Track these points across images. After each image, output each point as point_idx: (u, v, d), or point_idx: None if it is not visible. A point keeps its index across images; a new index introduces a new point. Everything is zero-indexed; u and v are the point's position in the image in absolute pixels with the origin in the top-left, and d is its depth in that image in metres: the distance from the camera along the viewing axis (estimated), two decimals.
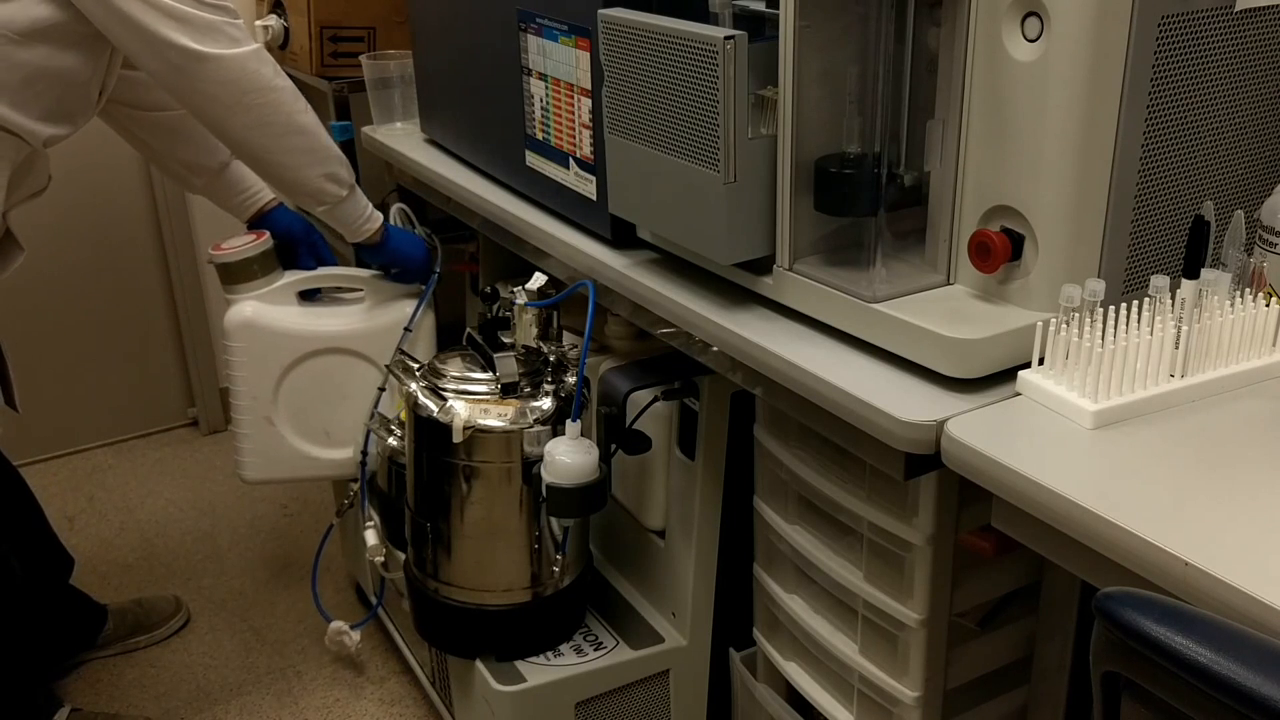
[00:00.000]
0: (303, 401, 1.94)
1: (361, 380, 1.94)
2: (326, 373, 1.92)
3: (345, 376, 1.93)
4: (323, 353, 1.91)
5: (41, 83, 1.49)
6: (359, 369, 1.93)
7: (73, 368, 2.80)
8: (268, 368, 1.90)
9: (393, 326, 1.91)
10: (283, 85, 1.57)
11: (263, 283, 1.86)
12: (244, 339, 1.87)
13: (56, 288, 2.72)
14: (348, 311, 1.93)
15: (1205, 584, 0.77)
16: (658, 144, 1.26)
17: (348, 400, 1.95)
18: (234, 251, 1.83)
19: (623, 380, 1.57)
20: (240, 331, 1.87)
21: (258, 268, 1.86)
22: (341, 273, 1.94)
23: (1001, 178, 1.07)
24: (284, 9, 2.51)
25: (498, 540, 1.62)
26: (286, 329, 1.89)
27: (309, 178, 1.65)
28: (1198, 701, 0.61)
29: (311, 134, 1.63)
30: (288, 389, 1.92)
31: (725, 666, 1.71)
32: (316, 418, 1.96)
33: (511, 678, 1.60)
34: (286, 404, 1.93)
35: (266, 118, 1.56)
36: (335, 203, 1.70)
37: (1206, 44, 1.06)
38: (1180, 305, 1.00)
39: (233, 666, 2.13)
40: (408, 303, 1.92)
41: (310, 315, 1.90)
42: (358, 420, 1.96)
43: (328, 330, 1.90)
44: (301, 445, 1.96)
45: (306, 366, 1.91)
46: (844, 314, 1.16)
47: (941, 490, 1.19)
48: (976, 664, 1.36)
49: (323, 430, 1.97)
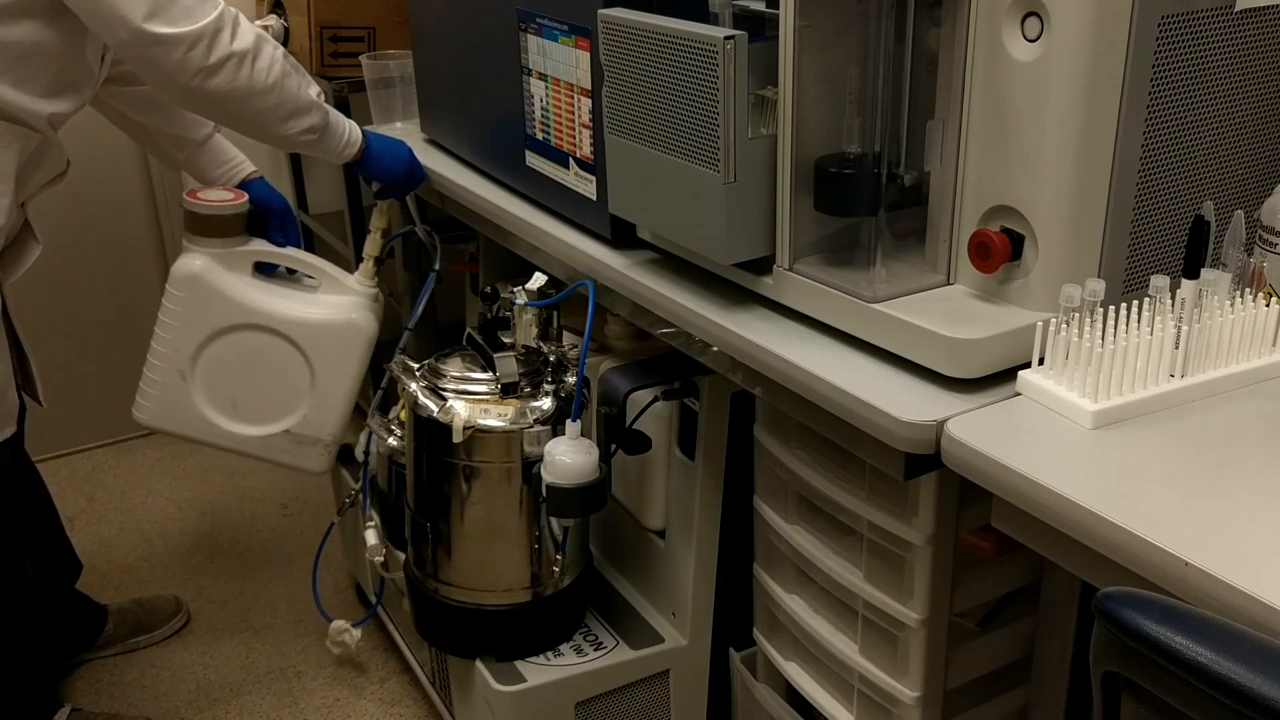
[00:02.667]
0: (222, 368, 1.91)
1: (286, 365, 1.91)
2: (254, 348, 1.89)
3: (271, 358, 1.90)
4: (256, 328, 1.88)
5: (36, 58, 1.49)
6: (286, 354, 1.90)
7: (73, 368, 2.80)
8: (198, 325, 1.87)
9: (335, 324, 1.89)
10: (241, 49, 1.51)
11: (225, 243, 1.84)
12: (185, 290, 1.85)
13: (56, 287, 2.72)
14: (296, 297, 1.90)
15: (1205, 584, 0.77)
16: (658, 144, 1.26)
17: (266, 381, 1.93)
18: (209, 205, 1.81)
19: (623, 380, 1.57)
20: (184, 282, 1.85)
21: (226, 226, 1.83)
22: (304, 258, 1.92)
23: (1001, 178, 1.07)
24: (284, 9, 2.51)
25: (498, 540, 1.62)
26: (229, 294, 1.85)
27: (280, 133, 1.62)
28: (1197, 701, 0.61)
29: (277, 89, 1.57)
30: (211, 352, 1.90)
31: (725, 666, 1.71)
32: (229, 387, 1.93)
33: (511, 678, 1.60)
34: (205, 365, 1.91)
35: (228, 88, 1.51)
36: (312, 144, 1.68)
37: (1206, 44, 1.06)
38: (1180, 305, 1.00)
39: (233, 666, 2.13)
40: (359, 303, 1.90)
41: (257, 288, 1.87)
42: (269, 401, 1.94)
43: (267, 308, 1.87)
44: (205, 408, 1.93)
45: (237, 336, 1.89)
46: (844, 314, 1.16)
47: (941, 490, 1.19)
48: (976, 664, 1.36)
49: (231, 401, 1.94)
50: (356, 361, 1.91)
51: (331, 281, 1.91)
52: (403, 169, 1.84)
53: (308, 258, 1.92)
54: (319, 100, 1.65)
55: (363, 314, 1.90)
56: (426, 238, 1.97)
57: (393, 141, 1.85)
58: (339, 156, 1.75)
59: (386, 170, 1.83)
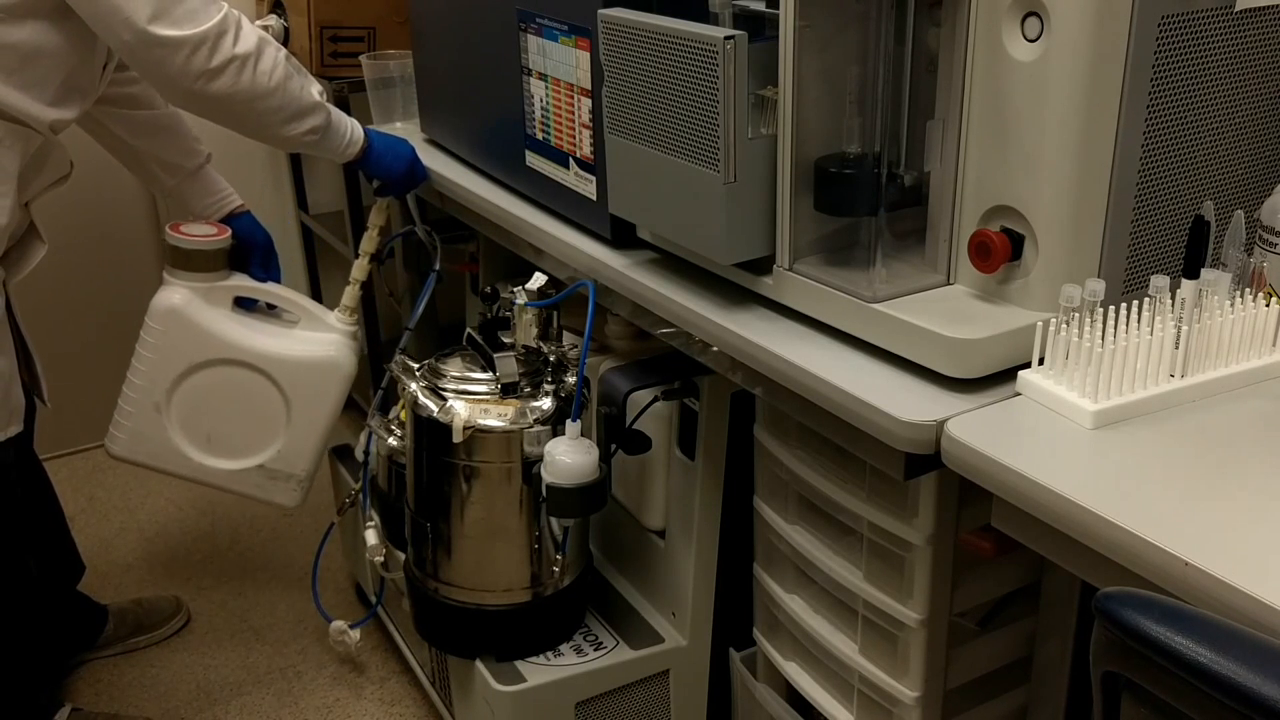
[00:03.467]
0: (198, 401, 1.92)
1: (262, 401, 1.92)
2: (231, 383, 1.90)
3: (248, 393, 1.91)
4: (234, 363, 1.88)
5: (42, 62, 1.48)
6: (263, 390, 1.91)
7: (73, 368, 2.80)
8: (176, 359, 1.87)
9: (313, 360, 1.90)
10: (243, 52, 1.50)
11: (206, 277, 1.85)
12: (164, 323, 1.85)
13: (57, 287, 2.72)
14: (274, 332, 1.91)
15: (1205, 584, 0.77)
16: (658, 144, 1.26)
17: (242, 416, 1.93)
18: (191, 239, 1.82)
19: (623, 380, 1.57)
20: (163, 315, 1.85)
21: (208, 261, 1.84)
22: (285, 294, 1.93)
23: (1001, 178, 1.07)
24: (284, 9, 2.51)
25: (498, 540, 1.62)
26: (208, 329, 1.86)
27: (283, 134, 1.62)
28: (1197, 701, 0.61)
29: (279, 91, 1.57)
30: (188, 385, 1.90)
31: (725, 666, 1.71)
32: (205, 421, 1.94)
33: (511, 678, 1.60)
34: (181, 398, 1.91)
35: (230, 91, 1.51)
36: (314, 144, 1.68)
37: (1206, 44, 1.06)
38: (1180, 305, 1.00)
39: (233, 666, 2.13)
40: (337, 340, 1.91)
41: (237, 323, 1.88)
42: (244, 436, 1.95)
43: (246, 344, 1.87)
44: (179, 441, 1.93)
45: (214, 371, 1.89)
46: (844, 314, 1.16)
47: (941, 490, 1.19)
48: (976, 664, 1.36)
49: (205, 435, 1.95)
50: (333, 398, 1.93)
51: (311, 318, 1.92)
52: (404, 167, 1.84)
53: (288, 294, 1.93)
54: (321, 100, 1.65)
55: (342, 351, 1.92)
56: (426, 238, 1.97)
57: (395, 140, 1.85)
58: (341, 156, 1.75)
59: (388, 168, 1.83)
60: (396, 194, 1.91)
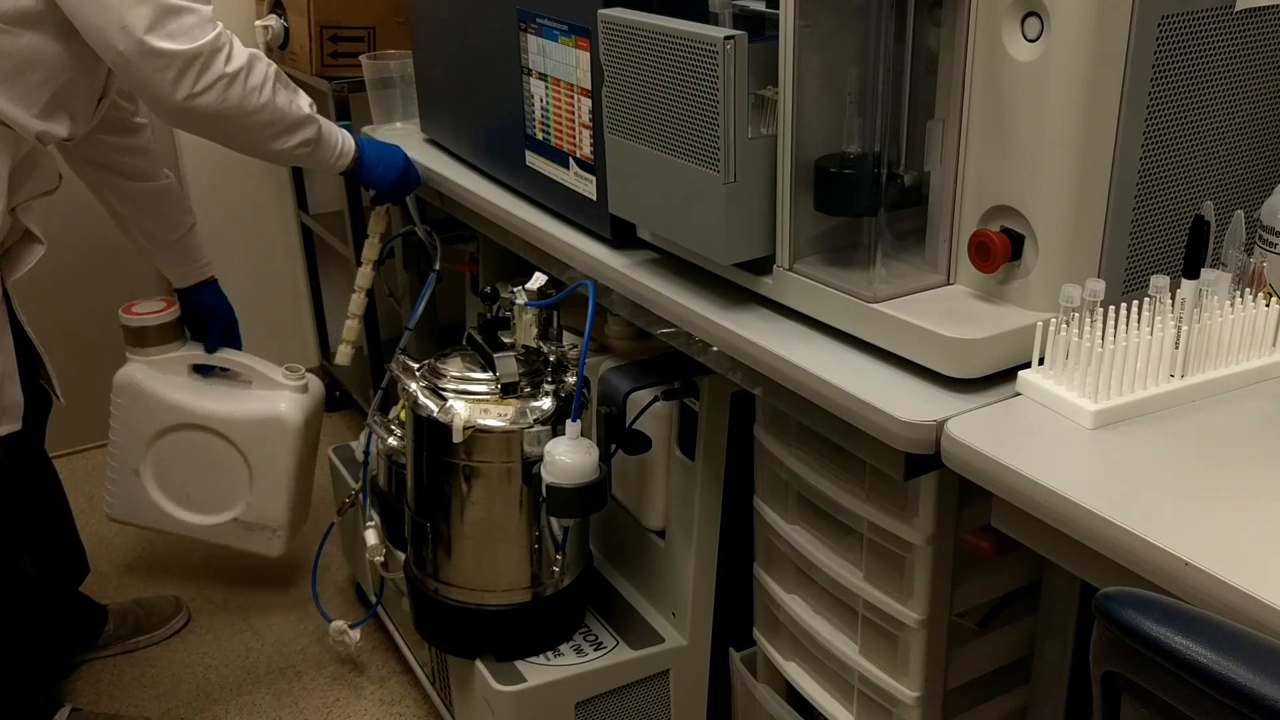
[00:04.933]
0: (170, 463, 2.11)
1: (224, 459, 2.09)
2: (195, 445, 2.08)
3: (211, 452, 2.08)
4: (193, 427, 2.07)
5: (34, 73, 1.48)
6: (223, 449, 2.08)
7: (73, 368, 2.79)
8: (142, 427, 2.08)
9: (261, 418, 2.05)
10: (233, 70, 1.50)
11: (160, 350, 2.04)
12: (125, 398, 2.07)
13: (56, 288, 2.72)
14: (225, 395, 2.08)
15: (1205, 584, 0.77)
16: (658, 144, 1.26)
17: (210, 474, 2.10)
18: (139, 317, 2.02)
19: (623, 380, 1.57)
20: (123, 389, 2.06)
21: (158, 335, 2.03)
22: (236, 358, 2.08)
23: (1001, 178, 1.07)
24: (284, 9, 2.51)
25: (498, 540, 1.62)
26: (164, 398, 2.05)
27: (273, 148, 1.63)
28: (1198, 701, 0.61)
29: (268, 108, 1.57)
30: (159, 450, 2.11)
31: (725, 666, 1.71)
32: (181, 481, 2.13)
33: (511, 678, 1.60)
34: (155, 462, 2.12)
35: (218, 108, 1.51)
36: (305, 156, 1.69)
37: (1206, 44, 1.06)
38: (1180, 305, 1.00)
39: (233, 666, 2.13)
40: (286, 396, 2.05)
41: (191, 390, 2.07)
42: (216, 492, 2.12)
43: (199, 408, 2.05)
44: (161, 501, 2.14)
45: (178, 435, 2.08)
46: (844, 314, 1.16)
47: (941, 490, 1.19)
48: (976, 664, 1.36)
49: (184, 493, 2.14)
50: (289, 452, 2.07)
51: (261, 378, 2.08)
52: (397, 175, 1.85)
53: (239, 357, 2.08)
54: (311, 113, 1.66)
55: (289, 407, 2.06)
56: (426, 238, 1.98)
57: (386, 147, 1.85)
58: (333, 167, 1.75)
59: (381, 177, 1.83)
60: (393, 201, 1.92)
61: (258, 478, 2.10)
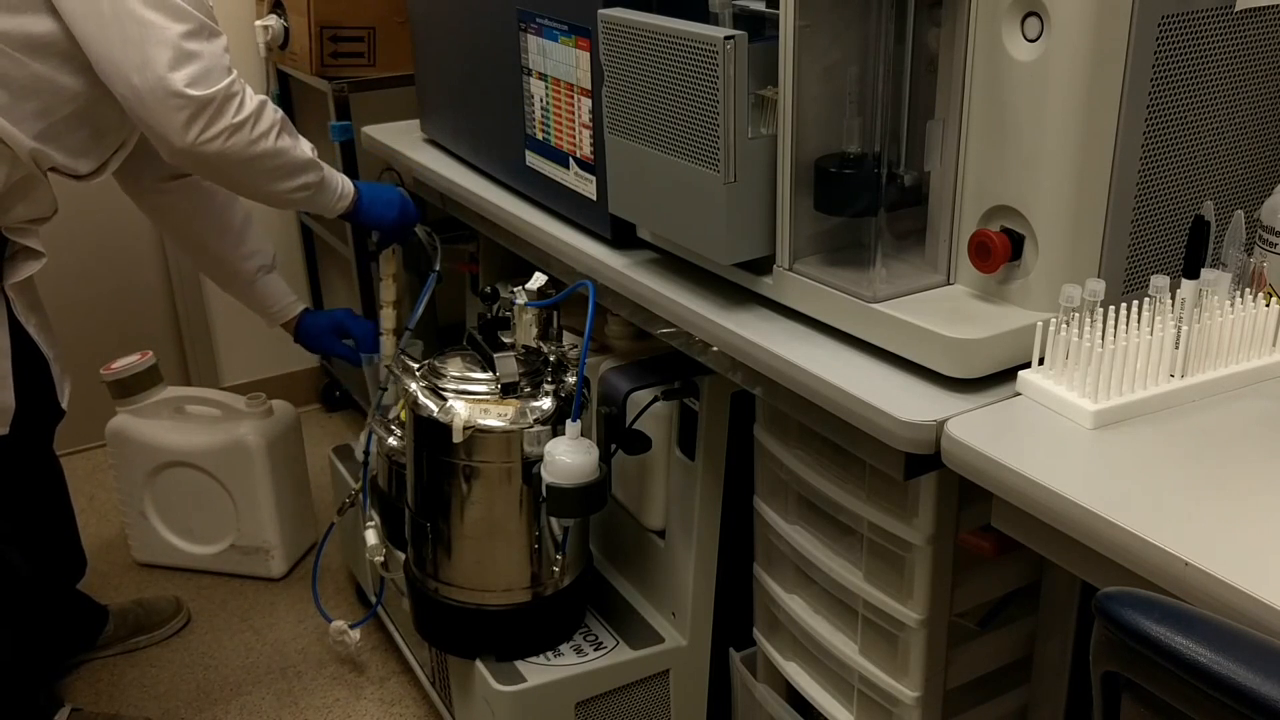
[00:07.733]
0: (169, 500, 2.30)
1: (207, 489, 2.26)
2: (184, 479, 2.26)
3: (197, 485, 2.26)
4: (174, 464, 2.25)
5: (40, 98, 1.49)
6: (203, 480, 2.25)
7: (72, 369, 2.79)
8: (135, 472, 2.27)
9: (225, 445, 2.22)
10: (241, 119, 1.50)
11: (141, 397, 2.23)
12: (116, 446, 2.27)
13: (56, 289, 2.72)
14: (197, 429, 2.25)
15: (1205, 584, 0.77)
16: (658, 144, 1.26)
17: (202, 504, 2.28)
18: (114, 371, 2.21)
19: (623, 380, 1.57)
20: (114, 439, 2.27)
21: (136, 384, 2.21)
22: (204, 394, 2.29)
23: (1001, 178, 1.07)
24: (284, 9, 2.51)
25: (498, 540, 1.62)
26: (146, 441, 2.25)
27: (275, 191, 1.63)
28: (1198, 701, 0.61)
29: (273, 154, 1.57)
30: (155, 489, 2.29)
31: (725, 666, 1.71)
32: (181, 515, 2.32)
33: (511, 678, 1.60)
34: (155, 502, 2.31)
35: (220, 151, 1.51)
36: (306, 200, 1.69)
37: (1206, 44, 1.06)
38: (1180, 305, 1.00)
39: (233, 666, 2.13)
40: (245, 422, 2.23)
41: (170, 430, 2.25)
42: (211, 522, 2.30)
43: (174, 445, 2.24)
44: (170, 538, 2.33)
45: (168, 473, 2.26)
46: (844, 314, 1.16)
47: (941, 490, 1.19)
48: (976, 664, 1.36)
49: (186, 526, 2.32)
50: (261, 474, 2.23)
51: (227, 409, 2.26)
52: (395, 214, 1.86)
53: (207, 393, 2.30)
54: (313, 158, 1.67)
55: (251, 432, 2.22)
56: (426, 238, 1.97)
57: (381, 187, 1.87)
58: (334, 210, 1.76)
59: (379, 216, 1.84)
60: (397, 241, 1.92)
61: (240, 503, 2.26)
